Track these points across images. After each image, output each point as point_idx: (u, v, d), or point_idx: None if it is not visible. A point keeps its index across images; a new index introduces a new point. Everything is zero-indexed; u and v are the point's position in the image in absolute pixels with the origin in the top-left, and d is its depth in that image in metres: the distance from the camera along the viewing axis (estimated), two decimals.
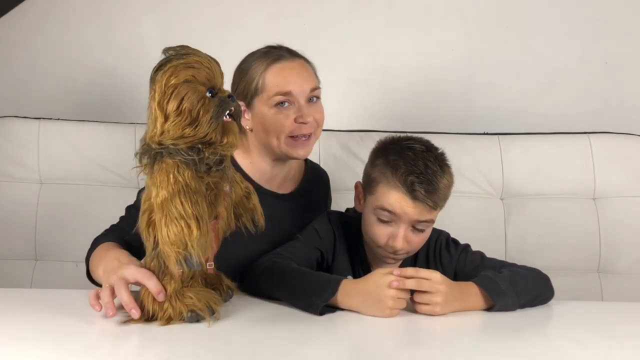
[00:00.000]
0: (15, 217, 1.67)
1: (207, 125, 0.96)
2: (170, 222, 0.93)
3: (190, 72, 0.96)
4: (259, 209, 1.12)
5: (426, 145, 1.22)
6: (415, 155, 1.18)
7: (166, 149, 0.96)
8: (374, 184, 1.21)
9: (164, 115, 0.95)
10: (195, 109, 0.95)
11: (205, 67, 0.98)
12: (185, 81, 0.96)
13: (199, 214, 0.94)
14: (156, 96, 0.96)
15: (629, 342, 0.99)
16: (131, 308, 0.99)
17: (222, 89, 1.00)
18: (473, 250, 1.29)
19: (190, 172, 0.96)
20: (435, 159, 1.18)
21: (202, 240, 0.93)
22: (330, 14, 1.93)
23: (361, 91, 1.95)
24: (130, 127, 1.71)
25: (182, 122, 0.95)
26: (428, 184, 1.15)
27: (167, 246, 0.94)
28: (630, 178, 1.73)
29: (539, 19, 1.93)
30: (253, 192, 1.12)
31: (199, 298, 1.00)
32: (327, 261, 1.28)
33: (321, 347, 0.96)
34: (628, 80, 1.94)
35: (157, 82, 0.96)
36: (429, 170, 1.16)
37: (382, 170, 1.19)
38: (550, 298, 1.18)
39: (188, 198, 0.94)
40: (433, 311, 1.07)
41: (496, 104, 1.95)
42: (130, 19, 1.91)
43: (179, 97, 0.95)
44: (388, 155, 1.20)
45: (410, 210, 1.16)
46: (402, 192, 1.15)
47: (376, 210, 1.19)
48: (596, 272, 1.72)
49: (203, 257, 0.96)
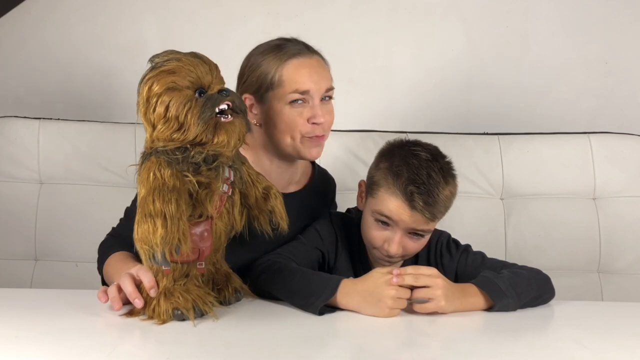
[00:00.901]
0: (15, 217, 1.67)
1: (195, 127, 0.96)
2: (141, 219, 0.94)
3: (171, 78, 0.96)
4: (278, 211, 1.10)
5: (433, 153, 1.19)
6: (420, 164, 1.16)
7: (155, 150, 0.97)
8: (375, 186, 1.20)
9: (151, 125, 0.97)
10: (182, 115, 0.96)
11: (187, 69, 0.97)
12: (167, 89, 0.96)
13: (170, 213, 0.93)
14: (141, 108, 0.97)
15: (629, 342, 0.98)
16: (134, 298, 1.02)
17: (213, 85, 0.99)
18: (474, 251, 1.28)
19: (170, 170, 0.96)
20: (439, 170, 1.16)
21: (168, 238, 0.93)
22: (330, 14, 1.93)
23: (361, 91, 1.95)
24: (130, 127, 1.71)
25: (170, 129, 0.96)
26: (428, 196, 1.14)
27: (137, 243, 0.95)
28: (630, 178, 1.73)
29: (539, 19, 1.93)
30: (274, 195, 1.10)
31: (185, 297, 1.00)
32: (328, 262, 1.28)
33: (321, 347, 0.96)
34: (628, 80, 1.94)
35: (140, 95, 0.97)
36: (431, 181, 1.14)
37: (385, 175, 1.18)
38: (551, 298, 1.18)
39: (161, 196, 0.94)
40: (439, 306, 1.06)
41: (496, 104, 1.95)
42: (130, 19, 1.91)
43: (164, 105, 0.96)
44: (393, 160, 1.18)
45: (407, 219, 1.16)
46: (401, 200, 1.15)
47: (374, 213, 1.19)
48: (596, 272, 1.72)
49: (171, 255, 0.95)
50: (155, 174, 0.96)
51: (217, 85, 1.00)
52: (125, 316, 1.03)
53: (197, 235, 1.01)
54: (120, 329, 0.99)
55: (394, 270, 1.07)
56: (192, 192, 0.99)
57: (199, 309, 1.00)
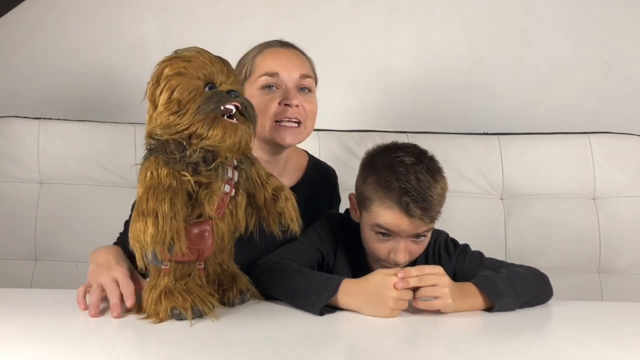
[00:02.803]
0: (15, 217, 1.67)
1: (192, 114, 0.96)
2: (135, 218, 0.94)
3: (183, 64, 0.98)
4: (288, 213, 1.09)
5: (415, 154, 1.19)
6: (407, 170, 1.15)
7: (155, 147, 0.97)
8: (368, 201, 1.20)
9: (154, 105, 0.98)
10: (184, 100, 0.97)
11: (202, 62, 0.99)
12: (177, 73, 0.97)
13: (163, 211, 0.93)
14: (150, 87, 0.99)
15: (629, 342, 0.98)
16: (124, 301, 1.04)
17: (225, 85, 1.00)
18: (472, 250, 1.28)
19: (167, 169, 0.96)
20: (427, 171, 1.16)
21: (159, 237, 0.92)
22: (330, 14, 1.93)
23: (361, 91, 1.95)
24: (130, 127, 1.71)
25: (168, 110, 0.96)
26: (423, 201, 1.14)
27: (130, 241, 0.95)
28: (630, 178, 1.73)
29: (539, 19, 1.93)
30: (284, 197, 1.09)
31: (185, 297, 1.00)
32: (327, 263, 1.28)
33: (321, 347, 0.96)
34: (628, 80, 1.94)
35: (152, 75, 0.99)
36: (422, 184, 1.14)
37: (375, 190, 1.17)
38: (550, 297, 1.17)
39: (155, 195, 0.94)
40: (445, 304, 1.06)
41: (496, 104, 1.95)
42: (130, 19, 1.91)
43: (171, 89, 0.97)
44: (379, 172, 1.18)
45: (407, 227, 1.16)
46: (397, 211, 1.15)
47: (373, 226, 1.19)
48: (596, 272, 1.72)
49: (165, 254, 0.95)
50: (152, 173, 0.96)
51: (229, 86, 1.01)
52: (124, 314, 1.03)
53: (196, 235, 1.01)
54: (120, 329, 0.99)
55: (399, 273, 1.06)
56: (192, 192, 0.99)
57: (198, 309, 1.00)
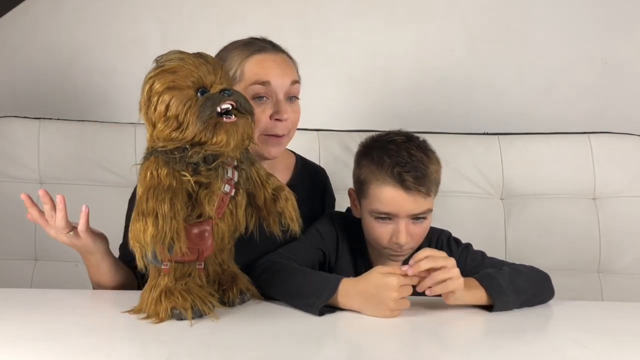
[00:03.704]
0: (15, 217, 1.66)
1: (193, 126, 0.95)
2: (135, 218, 0.94)
3: (171, 77, 0.97)
4: (288, 213, 1.08)
5: (406, 135, 1.24)
6: (398, 147, 1.19)
7: (155, 150, 0.97)
8: (364, 186, 1.21)
9: (152, 125, 0.98)
10: (181, 114, 0.96)
11: (188, 69, 0.97)
12: (168, 88, 0.96)
13: (163, 211, 0.93)
14: (142, 107, 0.98)
15: (629, 342, 0.98)
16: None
17: (216, 85, 0.99)
18: (474, 250, 1.28)
19: (167, 169, 0.96)
20: (417, 147, 1.20)
21: (158, 237, 0.92)
22: (330, 14, 1.92)
23: (361, 91, 1.95)
24: (130, 127, 1.71)
25: (169, 128, 0.96)
26: (415, 171, 1.16)
27: (131, 241, 0.95)
28: (630, 178, 1.73)
29: (539, 19, 1.93)
30: (284, 197, 1.08)
31: (185, 297, 1.00)
32: (329, 262, 1.28)
33: (321, 347, 0.96)
34: (628, 80, 1.94)
35: (142, 93, 0.98)
36: (414, 157, 1.18)
37: (369, 169, 1.20)
38: (551, 297, 1.17)
39: (154, 195, 0.94)
40: (457, 283, 1.05)
41: (496, 104, 1.95)
42: (130, 19, 1.91)
43: (165, 104, 0.96)
44: (372, 154, 1.22)
45: (405, 203, 1.16)
46: (392, 185, 1.16)
47: (372, 212, 1.20)
48: (596, 272, 1.72)
49: (165, 254, 0.95)
50: (152, 173, 0.96)
51: (220, 85, 1.00)
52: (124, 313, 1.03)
53: (196, 235, 1.00)
54: (120, 328, 0.99)
55: (409, 262, 1.05)
56: (192, 192, 0.99)
57: (198, 309, 1.00)
